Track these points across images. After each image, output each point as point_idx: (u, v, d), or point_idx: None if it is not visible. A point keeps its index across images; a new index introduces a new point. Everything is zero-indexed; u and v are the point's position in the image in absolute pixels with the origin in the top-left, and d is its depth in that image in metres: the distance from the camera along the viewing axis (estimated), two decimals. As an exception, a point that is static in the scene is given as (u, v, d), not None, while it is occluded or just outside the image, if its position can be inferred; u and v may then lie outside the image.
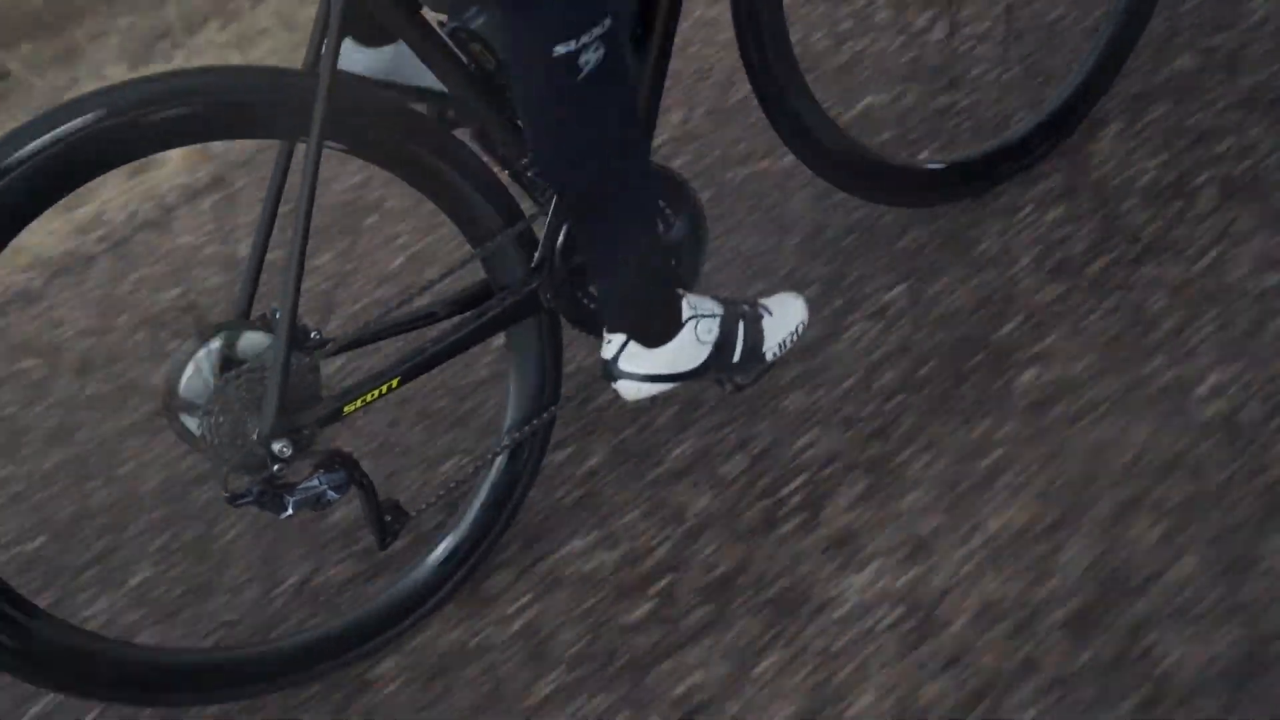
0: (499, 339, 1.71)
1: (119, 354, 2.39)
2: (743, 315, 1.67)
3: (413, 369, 1.58)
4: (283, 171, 1.54)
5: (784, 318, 1.71)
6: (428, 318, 1.66)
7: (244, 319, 1.55)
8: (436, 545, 1.75)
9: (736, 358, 1.66)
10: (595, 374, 1.93)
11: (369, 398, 1.55)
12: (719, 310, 1.64)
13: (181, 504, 2.03)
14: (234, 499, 1.48)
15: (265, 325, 1.54)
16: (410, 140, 1.52)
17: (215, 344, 1.51)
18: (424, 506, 1.65)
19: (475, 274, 1.67)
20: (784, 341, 1.70)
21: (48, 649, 1.45)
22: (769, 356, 1.69)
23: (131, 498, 2.07)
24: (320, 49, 1.49)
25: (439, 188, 1.57)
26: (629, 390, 1.64)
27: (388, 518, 1.60)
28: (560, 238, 1.62)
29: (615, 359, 1.62)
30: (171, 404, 1.50)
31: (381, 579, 1.83)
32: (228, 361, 1.52)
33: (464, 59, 1.53)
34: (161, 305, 2.49)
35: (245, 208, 2.68)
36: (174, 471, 2.09)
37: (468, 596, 1.76)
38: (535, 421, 1.73)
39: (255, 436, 1.47)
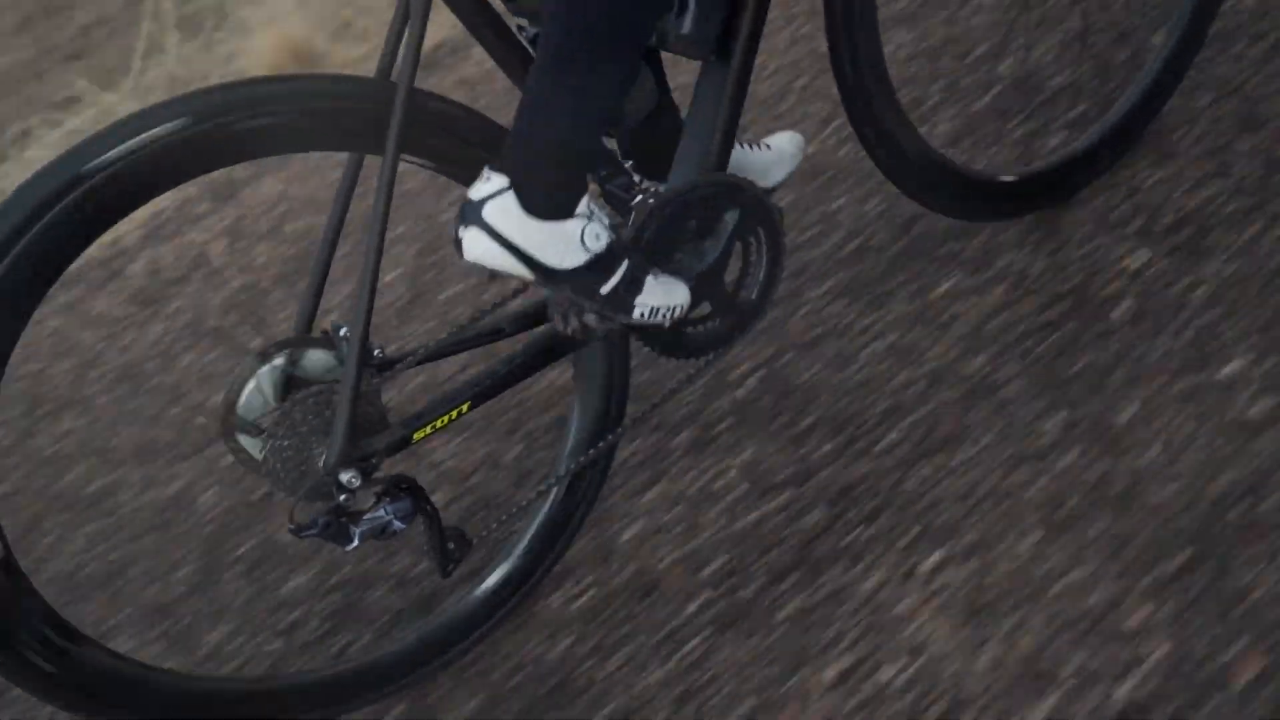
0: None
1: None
2: (631, 255, 1.50)
3: (483, 393, 1.51)
4: (350, 183, 1.47)
5: (668, 291, 1.53)
6: (493, 334, 1.59)
7: (306, 335, 1.48)
8: (493, 569, 1.70)
9: (606, 289, 1.47)
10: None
11: (439, 423, 1.48)
12: (614, 233, 1.47)
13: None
14: (299, 530, 1.41)
15: (327, 341, 1.47)
16: (486, 154, 1.44)
17: (277, 361, 1.44)
18: (485, 532, 1.58)
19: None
20: (657, 309, 1.52)
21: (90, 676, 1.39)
22: (635, 314, 1.50)
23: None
24: (394, 57, 1.41)
25: (513, 203, 1.50)
26: (475, 245, 1.40)
27: (450, 545, 1.53)
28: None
29: (483, 202, 1.39)
30: (230, 422, 1.43)
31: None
32: (290, 380, 1.45)
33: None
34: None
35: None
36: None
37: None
38: (601, 444, 1.66)
39: (321, 465, 1.41)
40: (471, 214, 1.39)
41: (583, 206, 1.42)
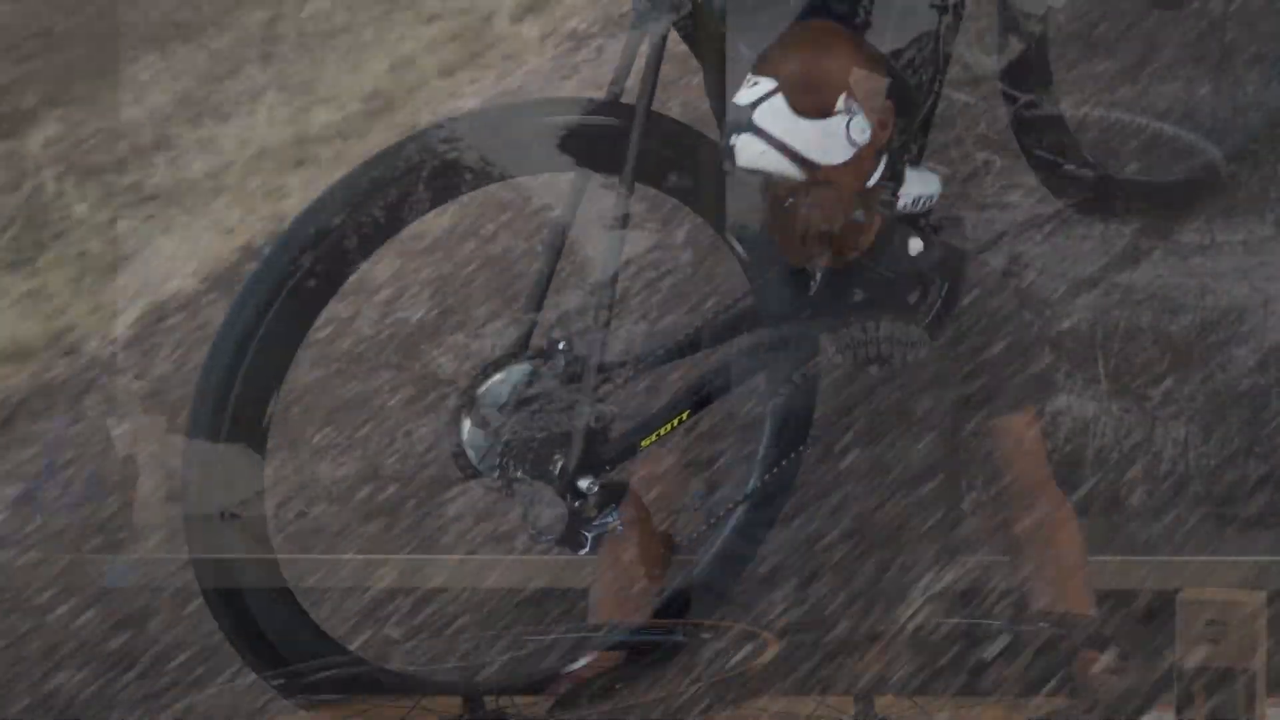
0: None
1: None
2: (890, 150, 1.53)
3: (701, 401, 1.57)
4: (574, 204, 1.53)
5: (924, 181, 1.63)
6: (691, 346, 1.65)
7: (523, 349, 1.54)
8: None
9: (871, 181, 1.51)
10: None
11: (663, 431, 1.54)
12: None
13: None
14: (539, 535, 1.46)
15: (542, 356, 1.53)
16: (711, 180, 1.52)
17: (503, 376, 1.50)
18: (694, 536, 1.63)
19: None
20: (918, 199, 1.61)
21: None
22: (900, 203, 1.58)
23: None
24: (625, 79, 1.49)
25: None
26: (747, 150, 1.45)
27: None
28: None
29: (753, 106, 1.44)
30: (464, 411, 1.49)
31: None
32: (512, 397, 1.51)
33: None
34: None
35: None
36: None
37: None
38: (788, 460, 1.71)
39: (558, 473, 1.46)
40: (742, 119, 1.43)
41: (842, 102, 1.46)
